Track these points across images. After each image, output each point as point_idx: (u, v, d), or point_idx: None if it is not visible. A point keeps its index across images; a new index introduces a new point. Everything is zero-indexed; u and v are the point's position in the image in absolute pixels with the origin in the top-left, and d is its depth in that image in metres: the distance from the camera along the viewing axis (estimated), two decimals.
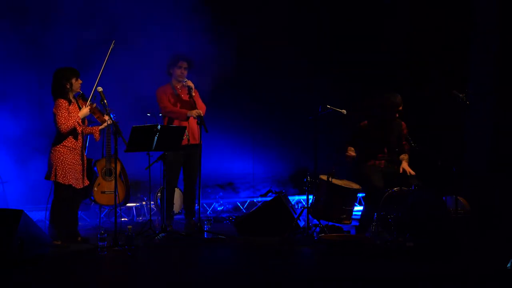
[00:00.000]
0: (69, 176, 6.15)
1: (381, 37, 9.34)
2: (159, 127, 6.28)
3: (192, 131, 7.03)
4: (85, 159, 6.38)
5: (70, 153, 6.17)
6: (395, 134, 7.01)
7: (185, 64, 7.07)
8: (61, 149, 6.15)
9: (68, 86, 6.17)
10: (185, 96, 7.05)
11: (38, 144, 7.51)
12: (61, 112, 6.09)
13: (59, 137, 6.16)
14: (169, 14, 8.10)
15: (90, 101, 6.24)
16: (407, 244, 6.06)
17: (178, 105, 7.06)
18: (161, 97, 7.04)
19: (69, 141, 6.17)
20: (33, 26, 7.66)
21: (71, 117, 6.12)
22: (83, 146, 6.37)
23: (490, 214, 7.04)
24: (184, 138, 6.67)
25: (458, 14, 8.69)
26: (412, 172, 6.76)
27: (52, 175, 6.13)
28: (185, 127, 6.71)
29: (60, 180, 6.11)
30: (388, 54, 9.34)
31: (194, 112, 6.88)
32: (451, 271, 5.27)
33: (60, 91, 6.17)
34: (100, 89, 6.18)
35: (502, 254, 5.44)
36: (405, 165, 6.85)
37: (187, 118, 6.94)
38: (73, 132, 6.17)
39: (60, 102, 6.13)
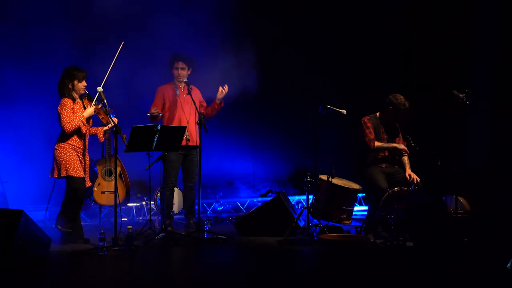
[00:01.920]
0: (80, 169, 6.24)
1: (381, 37, 9.35)
2: (159, 127, 6.28)
3: (190, 132, 7.03)
4: (87, 159, 6.40)
5: (74, 152, 6.24)
6: (394, 134, 7.01)
7: (181, 64, 7.06)
8: (66, 146, 6.21)
9: (70, 86, 6.23)
10: (186, 96, 7.05)
11: (38, 145, 7.50)
12: (66, 112, 6.16)
13: (64, 136, 6.23)
14: (164, 7, 8.12)
15: (95, 102, 6.27)
16: (407, 244, 6.06)
17: (178, 104, 7.06)
18: (156, 95, 7.08)
19: (74, 140, 6.24)
20: (35, 25, 7.68)
21: (76, 116, 6.19)
22: (86, 147, 6.39)
23: (490, 214, 7.04)
24: (183, 138, 6.68)
25: (458, 14, 8.69)
26: (418, 179, 6.75)
27: (62, 171, 6.18)
28: (185, 127, 6.71)
29: (74, 174, 6.19)
30: (388, 54, 9.35)
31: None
32: (451, 271, 5.27)
33: (63, 90, 6.24)
34: (100, 89, 6.18)
35: (502, 254, 5.44)
36: (410, 172, 6.84)
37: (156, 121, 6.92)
38: (77, 132, 6.23)
39: (65, 101, 6.20)
